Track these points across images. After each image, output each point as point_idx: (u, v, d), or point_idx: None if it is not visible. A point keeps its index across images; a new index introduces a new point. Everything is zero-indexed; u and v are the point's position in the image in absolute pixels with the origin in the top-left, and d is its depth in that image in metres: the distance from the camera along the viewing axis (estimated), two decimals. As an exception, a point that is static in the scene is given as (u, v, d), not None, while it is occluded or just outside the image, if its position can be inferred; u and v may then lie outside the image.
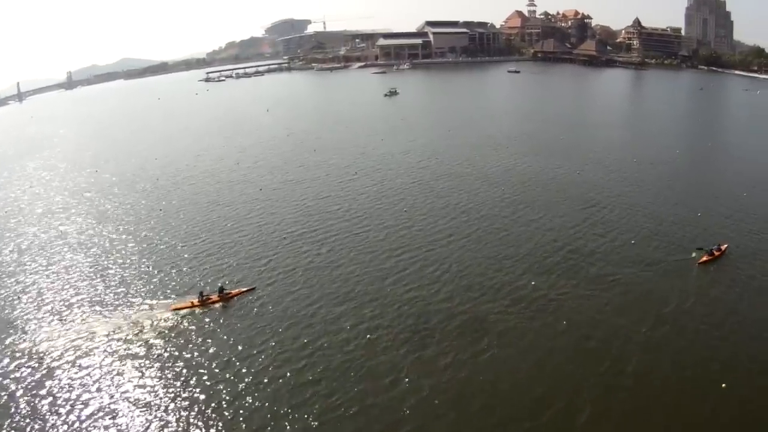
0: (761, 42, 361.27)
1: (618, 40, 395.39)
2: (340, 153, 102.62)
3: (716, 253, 53.72)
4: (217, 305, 47.25)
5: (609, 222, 63.61)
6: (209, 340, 42.01)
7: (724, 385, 34.67)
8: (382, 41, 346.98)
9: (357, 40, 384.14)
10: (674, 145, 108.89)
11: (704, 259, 52.89)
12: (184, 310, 46.48)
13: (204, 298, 47.39)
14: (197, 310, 46.36)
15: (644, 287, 48.13)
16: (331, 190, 79.14)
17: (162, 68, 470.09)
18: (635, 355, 38.18)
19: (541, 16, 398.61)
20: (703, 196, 73.85)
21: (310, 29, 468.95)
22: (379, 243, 59.16)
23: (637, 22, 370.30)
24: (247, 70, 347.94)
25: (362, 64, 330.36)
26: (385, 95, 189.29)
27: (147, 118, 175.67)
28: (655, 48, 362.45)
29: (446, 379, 36.19)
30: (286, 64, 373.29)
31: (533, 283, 48.77)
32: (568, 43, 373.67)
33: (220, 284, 49.62)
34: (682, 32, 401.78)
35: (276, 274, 52.97)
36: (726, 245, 55.53)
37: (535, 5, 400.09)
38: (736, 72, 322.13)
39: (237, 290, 49.30)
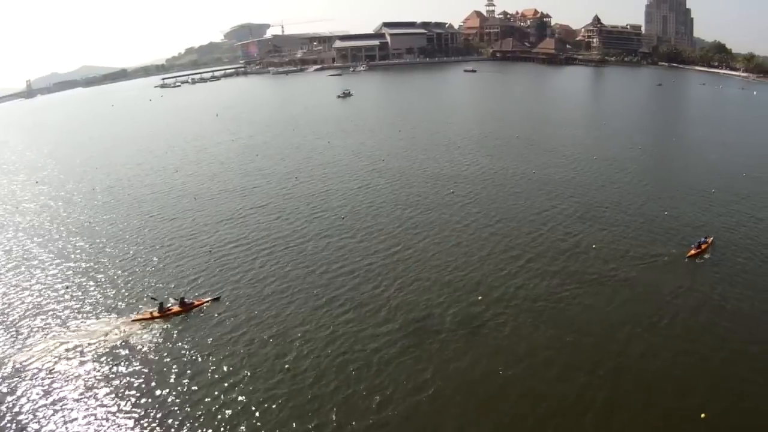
0: (721, 38, 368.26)
1: (578, 39, 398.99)
2: (284, 158, 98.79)
3: (703, 246, 54.23)
4: (178, 316, 45.18)
5: (572, 223, 61.96)
6: (169, 352, 40.24)
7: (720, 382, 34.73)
8: (338, 43, 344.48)
9: (314, 43, 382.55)
10: (636, 141, 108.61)
11: (692, 252, 53.33)
12: (144, 322, 44.50)
13: (165, 309, 45.45)
14: (157, 322, 44.35)
15: (635, 284, 47.90)
16: (269, 199, 74.87)
17: (122, 75, 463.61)
18: (635, 353, 37.92)
19: (500, 16, 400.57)
20: (673, 193, 73.45)
21: (270, 33, 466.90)
22: (312, 256, 54.97)
23: (596, 20, 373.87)
24: (203, 75, 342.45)
25: (319, 66, 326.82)
26: (339, 97, 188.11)
27: (98, 126, 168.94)
28: (615, 45, 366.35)
29: (428, 387, 34.95)
30: (242, 69, 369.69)
31: (494, 292, 46.42)
32: (527, 42, 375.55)
33: (181, 295, 47.41)
34: (642, 30, 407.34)
35: (242, 282, 50.59)
36: (711, 238, 56.22)
37: (494, 5, 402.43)
38: (697, 68, 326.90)
39: (199, 300, 47.25)
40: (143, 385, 36.41)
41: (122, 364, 38.91)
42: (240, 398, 34.66)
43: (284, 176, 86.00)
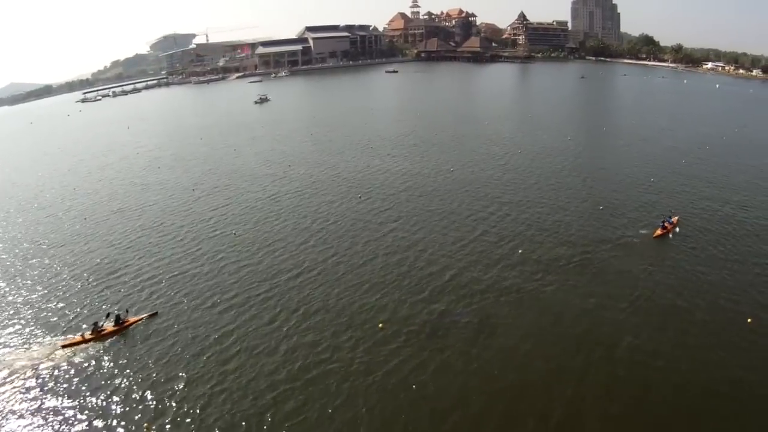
0: (648, 32, 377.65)
1: (504, 37, 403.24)
2: (187, 170, 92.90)
3: (668, 226, 55.76)
4: (114, 336, 41.84)
5: (504, 228, 58.62)
6: (106, 377, 37.01)
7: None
8: (260, 50, 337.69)
9: (238, 51, 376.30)
10: (565, 132, 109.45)
11: (659, 232, 54.75)
12: (76, 346, 40.71)
13: (99, 329, 41.92)
14: (91, 345, 40.77)
15: (605, 267, 48.79)
16: (163, 216, 68.51)
17: (46, 91, 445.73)
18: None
19: (425, 17, 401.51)
20: (612, 181, 74.33)
21: (195, 42, 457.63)
22: (203, 284, 48.86)
23: (521, 17, 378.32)
24: (125, 88, 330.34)
25: (240, 74, 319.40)
26: (255, 103, 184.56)
27: (11, 145, 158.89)
28: (541, 42, 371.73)
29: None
30: (165, 80, 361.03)
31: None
32: (452, 42, 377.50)
33: (117, 312, 43.55)
34: (569, 25, 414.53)
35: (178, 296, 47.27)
36: (677, 217, 58.07)
37: (419, 6, 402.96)
38: (625, 60, 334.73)
39: (136, 317, 43.98)
40: (75, 416, 33.30)
41: (51, 396, 35.32)
42: (180, 420, 32.49)
43: (184, 190, 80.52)
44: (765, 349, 36.43)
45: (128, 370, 37.48)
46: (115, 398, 34.70)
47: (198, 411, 33.02)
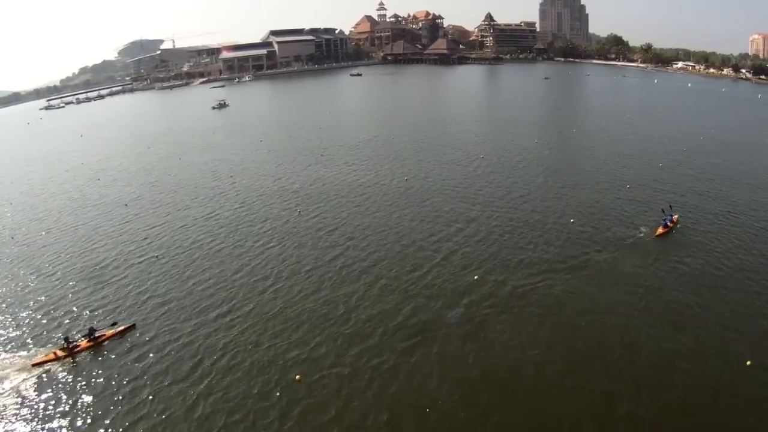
0: (616, 32, 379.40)
1: (472, 39, 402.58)
2: (129, 183, 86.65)
3: (670, 225, 55.08)
4: (88, 352, 38.93)
5: (471, 251, 51.67)
6: (79, 396, 34.11)
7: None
8: (225, 54, 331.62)
9: (204, 55, 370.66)
10: (531, 134, 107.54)
11: (660, 231, 54.11)
12: (48, 364, 37.65)
13: (71, 345, 38.86)
14: (64, 362, 37.79)
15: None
16: (94, 238, 61.62)
17: (15, 98, 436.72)
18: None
19: (391, 19, 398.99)
20: (587, 186, 71.24)
21: (162, 48, 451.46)
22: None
23: (488, 18, 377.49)
24: (89, 95, 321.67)
25: (204, 79, 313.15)
26: (213, 108, 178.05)
27: None
28: (509, 43, 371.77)
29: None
30: (129, 86, 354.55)
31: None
32: (419, 44, 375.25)
33: (89, 326, 40.49)
34: (537, 27, 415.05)
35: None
36: (677, 215, 57.32)
37: (385, 9, 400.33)
38: (594, 61, 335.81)
39: (112, 331, 40.86)
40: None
41: (19, 419, 32.48)
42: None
43: (120, 206, 73.86)
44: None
45: (103, 389, 34.74)
46: (89, 420, 32.03)
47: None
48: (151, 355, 37.79)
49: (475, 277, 45.09)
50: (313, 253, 52.50)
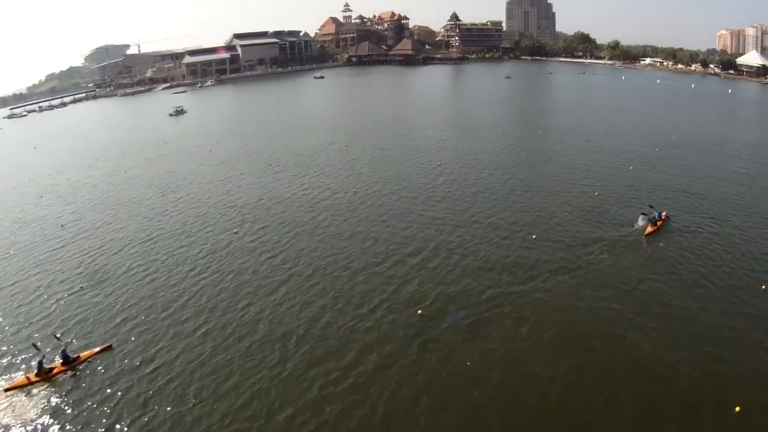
0: (583, 30, 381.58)
1: (438, 39, 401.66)
2: (72, 201, 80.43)
3: (659, 223, 54.88)
4: (63, 375, 36.34)
5: (428, 283, 49.11)
6: (55, 422, 31.76)
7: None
8: (188, 59, 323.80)
9: (167, 60, 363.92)
10: (494, 138, 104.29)
11: (650, 229, 53.76)
12: (19, 389, 35.17)
13: (45, 369, 36.26)
14: (37, 387, 35.29)
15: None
16: (26, 267, 55.87)
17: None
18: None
19: (357, 21, 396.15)
20: (555, 194, 68.28)
21: (128, 53, 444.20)
22: None
23: (454, 18, 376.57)
24: (52, 102, 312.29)
25: (167, 85, 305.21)
26: (170, 115, 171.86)
27: None
28: (475, 43, 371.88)
29: None
30: (92, 93, 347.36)
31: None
32: (384, 45, 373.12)
33: (63, 348, 37.67)
34: (504, 25, 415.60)
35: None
36: (665, 212, 57.24)
37: (351, 10, 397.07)
38: (561, 59, 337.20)
39: (88, 352, 38.22)
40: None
41: None
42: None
43: (54, 228, 68.18)
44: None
45: (79, 414, 32.29)
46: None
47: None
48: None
49: (419, 312, 40.11)
50: (252, 283, 47.33)
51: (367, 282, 45.77)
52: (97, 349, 38.47)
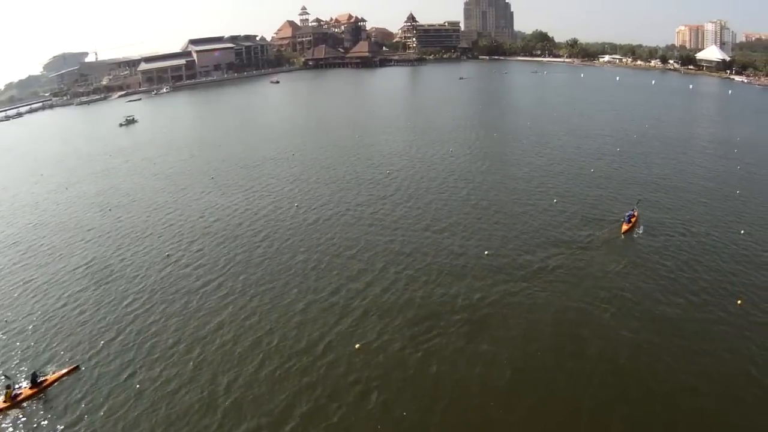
0: (541, 29, 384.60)
1: (395, 40, 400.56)
2: (10, 222, 76.71)
3: (633, 219, 55.96)
4: (32, 399, 35.49)
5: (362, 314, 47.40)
6: None
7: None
8: (143, 66, 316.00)
9: (123, 68, 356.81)
10: (449, 140, 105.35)
11: (625, 228, 54.71)
12: None
13: (13, 393, 35.54)
14: (6, 414, 34.50)
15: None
16: None
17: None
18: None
19: (313, 24, 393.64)
20: (513, 199, 68.37)
21: (82, 61, 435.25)
22: None
23: (411, 19, 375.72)
24: (8, 113, 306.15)
25: (123, 92, 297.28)
26: (121, 125, 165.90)
27: None
28: (433, 44, 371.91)
29: None
30: (48, 101, 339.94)
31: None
32: (341, 48, 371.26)
33: (33, 371, 36.99)
34: (462, 26, 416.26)
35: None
36: (636, 209, 58.58)
37: (308, 13, 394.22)
38: (519, 58, 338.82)
39: (56, 374, 37.36)
40: None
41: None
42: None
43: None
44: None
45: None
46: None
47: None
48: None
49: (357, 346, 37.91)
50: (183, 316, 44.18)
51: (305, 312, 43.14)
52: (65, 370, 37.61)
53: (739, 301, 40.78)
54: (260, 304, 45.11)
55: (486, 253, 51.54)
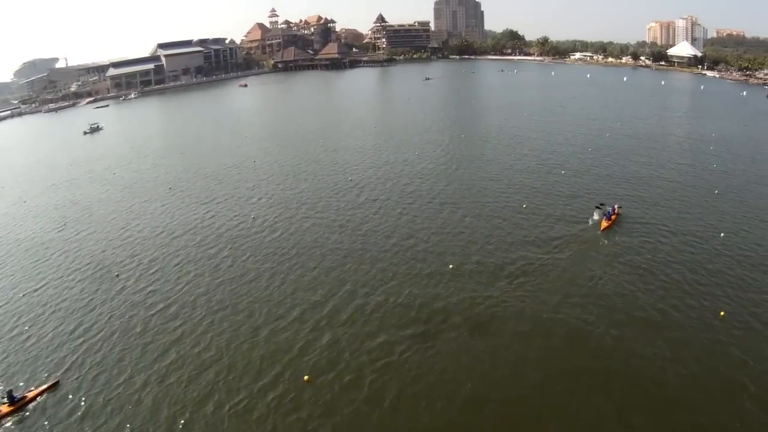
0: (512, 27, 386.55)
1: (365, 41, 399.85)
2: None
3: (613, 217, 56.27)
4: (9, 417, 34.47)
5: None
6: None
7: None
8: (112, 71, 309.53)
9: (92, 73, 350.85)
10: (415, 143, 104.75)
11: (605, 224, 54.91)
12: None
13: None
14: None
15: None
16: None
17: None
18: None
19: (283, 26, 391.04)
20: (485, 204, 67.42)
21: (50, 68, 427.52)
22: None
23: (380, 19, 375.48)
24: None
25: (92, 99, 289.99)
26: (85, 133, 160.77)
27: None
28: (402, 44, 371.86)
29: None
30: (17, 109, 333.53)
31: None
32: (310, 50, 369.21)
33: (9, 389, 35.92)
34: (432, 26, 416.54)
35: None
36: (617, 205, 59.36)
37: (277, 15, 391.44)
38: (490, 57, 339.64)
39: (35, 390, 36.38)
40: None
41: None
42: None
43: None
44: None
45: None
46: None
47: None
48: None
49: (305, 378, 35.75)
50: (136, 346, 41.28)
51: (267, 341, 40.12)
52: (43, 387, 36.70)
53: (722, 313, 39.94)
54: (220, 332, 42.13)
55: (450, 266, 49.61)
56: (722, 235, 54.27)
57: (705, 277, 45.55)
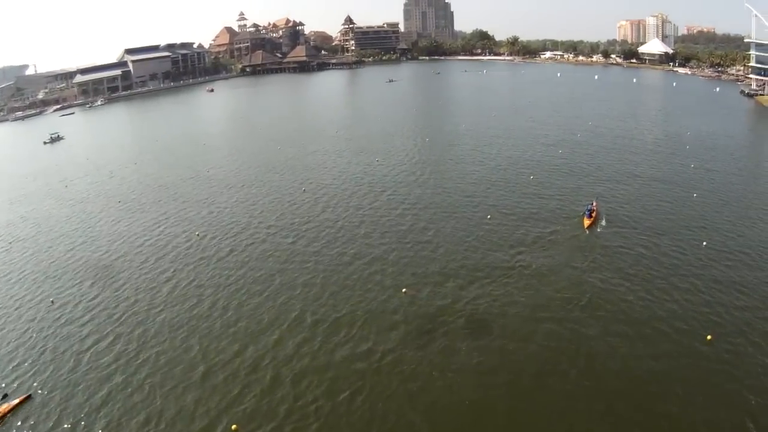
0: (482, 28, 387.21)
1: (334, 43, 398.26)
2: None
3: (593, 214, 56.89)
4: None
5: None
6: None
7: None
8: (79, 78, 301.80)
9: (59, 80, 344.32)
10: (377, 149, 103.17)
11: (588, 222, 55.56)
12: None
13: None
14: None
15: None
16: None
17: None
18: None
19: (251, 29, 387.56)
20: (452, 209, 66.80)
21: (17, 75, 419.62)
22: None
23: (348, 21, 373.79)
24: None
25: (59, 106, 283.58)
26: (45, 143, 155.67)
27: None
28: (372, 45, 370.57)
29: None
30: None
31: None
32: (279, 53, 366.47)
33: None
34: (402, 27, 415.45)
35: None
36: (595, 201, 60.65)
37: (246, 19, 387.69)
38: (459, 57, 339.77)
39: (6, 405, 35.68)
40: None
41: None
42: None
43: None
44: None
45: None
46: None
47: None
48: None
49: (233, 427, 32.60)
50: (58, 383, 38.56)
51: (203, 382, 37.05)
52: (15, 401, 36.06)
53: (709, 335, 38.00)
54: (149, 370, 39.05)
55: (404, 290, 46.82)
56: (704, 244, 53.20)
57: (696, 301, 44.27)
